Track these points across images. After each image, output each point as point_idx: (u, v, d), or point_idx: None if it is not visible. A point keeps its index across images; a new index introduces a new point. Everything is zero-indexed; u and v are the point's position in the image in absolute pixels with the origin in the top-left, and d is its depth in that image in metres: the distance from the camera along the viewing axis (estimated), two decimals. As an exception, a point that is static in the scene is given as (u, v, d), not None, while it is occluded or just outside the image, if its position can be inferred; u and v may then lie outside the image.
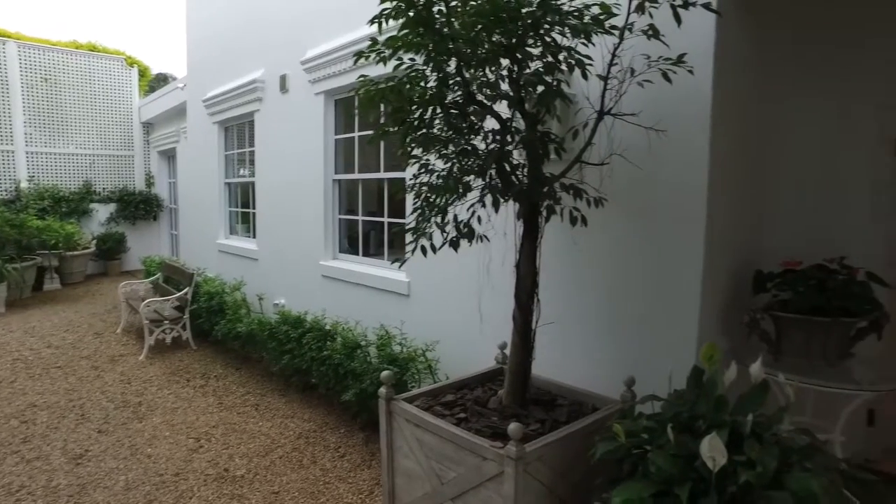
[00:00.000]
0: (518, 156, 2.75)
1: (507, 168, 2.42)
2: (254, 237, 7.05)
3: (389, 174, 4.77)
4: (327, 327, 4.61)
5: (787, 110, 3.41)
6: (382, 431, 2.82)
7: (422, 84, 2.44)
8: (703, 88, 2.66)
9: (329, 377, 4.25)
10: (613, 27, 2.34)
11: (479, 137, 2.50)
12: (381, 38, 2.42)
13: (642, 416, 2.26)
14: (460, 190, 2.46)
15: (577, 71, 2.47)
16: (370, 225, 5.31)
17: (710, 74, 2.64)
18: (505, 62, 2.49)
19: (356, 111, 5.15)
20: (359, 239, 5.38)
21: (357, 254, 5.40)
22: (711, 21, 2.60)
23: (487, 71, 2.51)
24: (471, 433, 2.41)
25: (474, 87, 2.51)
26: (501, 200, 2.35)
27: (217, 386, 5.20)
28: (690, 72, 2.56)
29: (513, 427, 2.14)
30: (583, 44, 2.42)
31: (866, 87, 3.20)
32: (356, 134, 5.25)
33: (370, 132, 2.53)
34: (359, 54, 2.49)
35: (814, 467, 1.88)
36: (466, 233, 2.57)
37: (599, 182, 2.84)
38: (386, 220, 4.96)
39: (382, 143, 4.79)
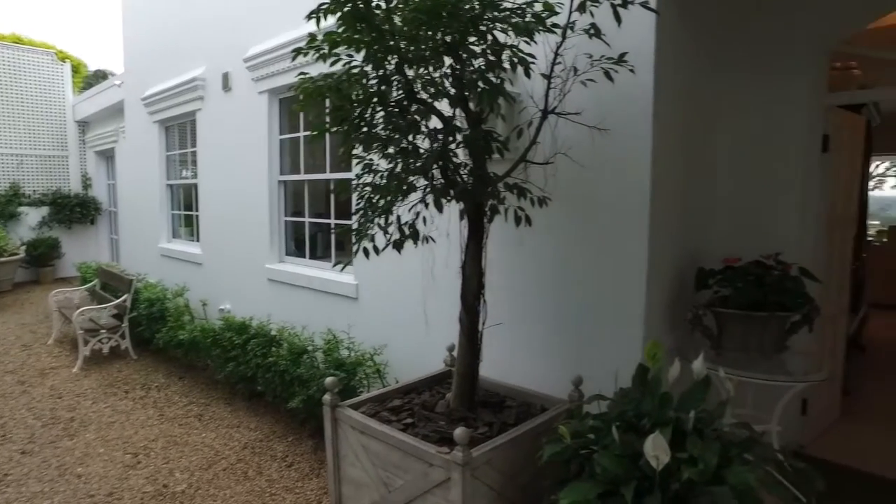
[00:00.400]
0: (462, 155, 2.71)
1: (450, 168, 2.38)
2: (198, 241, 6.79)
3: (336, 174, 4.67)
4: (273, 333, 4.46)
5: (725, 108, 3.50)
6: (328, 439, 2.73)
7: (364, 81, 2.37)
8: (645, 87, 2.68)
9: (275, 384, 4.11)
10: (555, 25, 2.33)
11: (423, 137, 2.44)
12: (322, 35, 2.34)
13: (589, 416, 2.25)
14: (404, 189, 2.41)
15: (522, 70, 2.46)
16: (317, 227, 5.18)
17: (651, 73, 2.67)
18: (449, 60, 2.45)
19: (301, 109, 5.01)
20: (305, 241, 5.24)
21: (304, 256, 5.27)
22: (651, 20, 2.63)
23: (431, 69, 2.47)
24: (417, 439, 2.35)
25: (418, 86, 2.46)
26: (443, 201, 2.30)
27: (158, 397, 4.97)
28: (632, 71, 2.58)
29: (459, 432, 2.09)
30: (525, 42, 2.40)
31: (796, 86, 3.31)
32: (301, 134, 5.12)
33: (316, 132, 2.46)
34: (297, 51, 2.40)
35: (752, 460, 1.91)
36: (411, 234, 2.52)
37: (544, 181, 2.83)
38: (333, 221, 4.85)
39: (328, 143, 4.68)
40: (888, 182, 18.75)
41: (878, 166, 17.68)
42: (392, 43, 2.15)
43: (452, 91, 2.38)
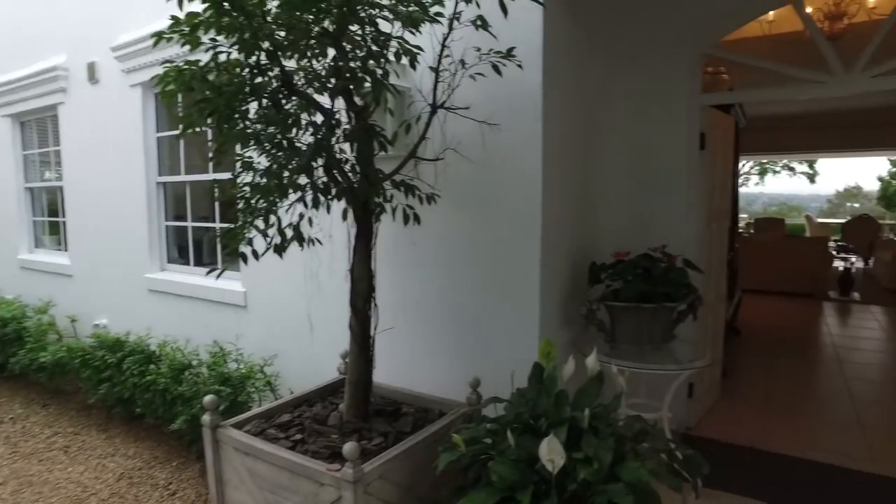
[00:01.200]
0: (350, 152, 2.56)
1: (334, 165, 2.22)
2: (66, 250, 6.09)
3: (220, 174, 4.33)
4: (153, 348, 4.06)
5: (615, 104, 3.60)
6: (209, 464, 2.48)
7: (235, 70, 2.15)
8: (534, 82, 2.67)
9: (156, 405, 3.74)
10: (439, 14, 2.24)
11: (303, 132, 2.26)
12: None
13: (486, 419, 2.18)
14: (285, 188, 2.22)
15: (410, 63, 2.35)
16: (202, 231, 4.80)
17: (539, 67, 2.66)
18: (333, 52, 2.29)
19: (166, 100, 4.61)
20: (189, 247, 4.84)
21: (188, 264, 4.86)
22: (539, 14, 2.61)
23: (313, 60, 2.29)
24: (306, 457, 2.18)
25: (300, 78, 2.28)
26: (322, 199, 2.14)
27: (13, 431, 4.37)
28: (520, 66, 2.55)
29: (348, 448, 1.95)
30: (410, 32, 2.29)
31: (677, 85, 3.46)
32: (181, 131, 4.71)
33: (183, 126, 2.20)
34: (158, 35, 2.14)
35: (645, 452, 1.92)
36: (295, 236, 2.34)
37: (434, 178, 2.75)
38: (218, 225, 4.50)
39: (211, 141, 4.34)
40: (753, 179, 20.66)
41: (744, 165, 19.44)
42: (263, 29, 1.96)
43: (335, 83, 2.22)
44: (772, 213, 18.79)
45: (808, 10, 4.44)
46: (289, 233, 2.31)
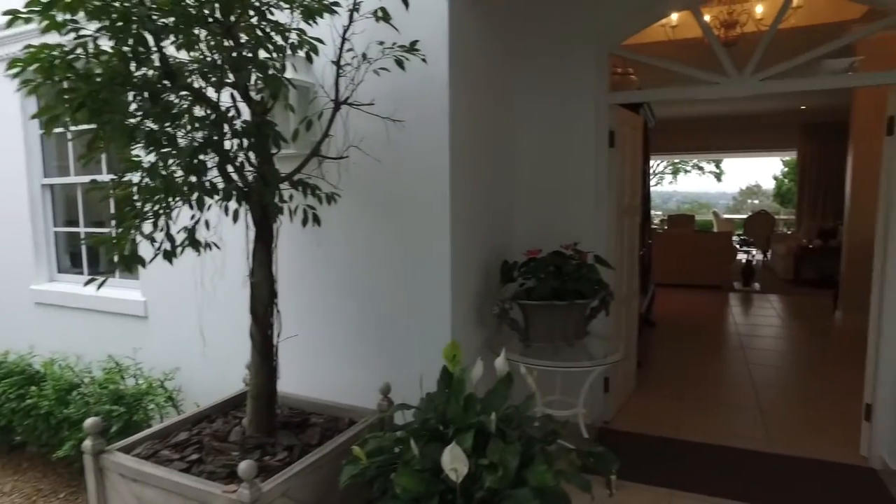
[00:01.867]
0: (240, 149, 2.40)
1: (226, 163, 2.06)
2: (-62, 261, 5.46)
3: (115, 175, 4.00)
4: (37, 367, 3.69)
5: (526, 101, 3.61)
6: (91, 494, 2.25)
7: (108, 58, 1.95)
8: (440, 77, 2.60)
9: (39, 430, 3.38)
10: (335, 4, 2.13)
11: (190, 128, 2.09)
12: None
13: (395, 427, 2.09)
14: (178, 188, 2.04)
15: (312, 56, 2.23)
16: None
17: (445, 63, 2.60)
18: (227, 42, 2.13)
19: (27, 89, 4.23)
20: (82, 255, 4.45)
21: (82, 273, 4.47)
22: (443, 6, 2.55)
23: (206, 51, 2.12)
24: (201, 479, 2.01)
25: (192, 72, 2.10)
26: (211, 201, 1.98)
27: None
28: (424, 60, 2.48)
29: (243, 467, 1.80)
30: (308, 23, 2.17)
31: (586, 83, 3.52)
32: (45, 127, 4.31)
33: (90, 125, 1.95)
34: (13, 14, 1.90)
35: (554, 453, 1.89)
36: (189, 241, 2.16)
37: (338, 178, 2.64)
38: (113, 230, 4.15)
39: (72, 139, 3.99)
40: (667, 178, 21.74)
41: (658, 164, 20.41)
42: (136, 12, 1.78)
43: (221, 76, 2.06)
44: (685, 210, 19.81)
45: (707, 17, 4.68)
46: (180, 237, 2.13)
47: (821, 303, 7.48)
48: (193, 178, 2.11)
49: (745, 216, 14.32)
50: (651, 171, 20.23)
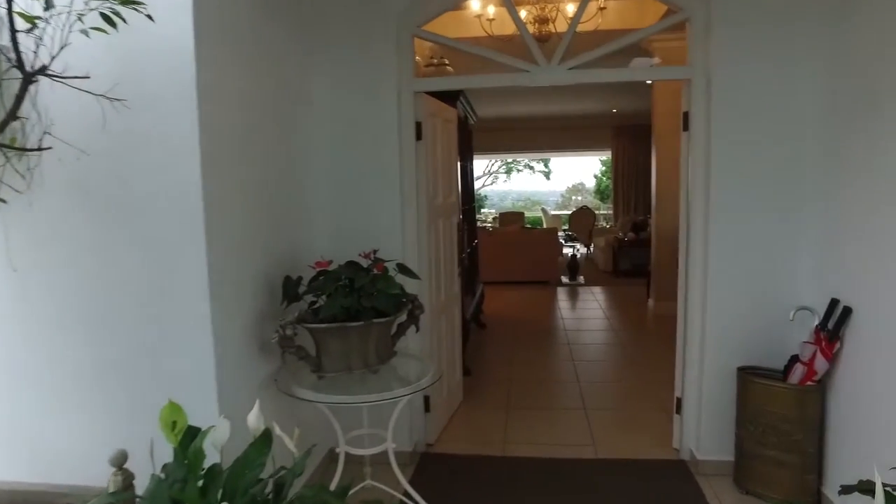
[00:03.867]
0: None
1: None
2: None
3: None
4: None
5: (322, 92, 3.10)
6: None
7: None
8: (184, 48, 1.98)
9: None
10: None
11: None
12: None
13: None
14: None
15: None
16: None
17: (190, 33, 1.98)
18: None
19: None
20: None
21: None
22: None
23: None
24: None
25: None
26: None
27: None
28: (150, 17, 1.84)
29: None
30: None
31: (388, 68, 3.10)
32: None
33: None
34: None
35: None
36: None
37: (30, 174, 1.91)
38: None
39: None
40: (501, 178, 22.59)
41: (493, 164, 21.10)
42: None
43: None
44: (519, 207, 20.70)
45: (523, 14, 4.55)
46: None
47: (636, 292, 7.95)
48: None
49: (570, 212, 15.22)
50: (487, 170, 20.95)
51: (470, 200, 5.90)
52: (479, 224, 13.20)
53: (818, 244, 2.78)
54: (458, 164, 4.86)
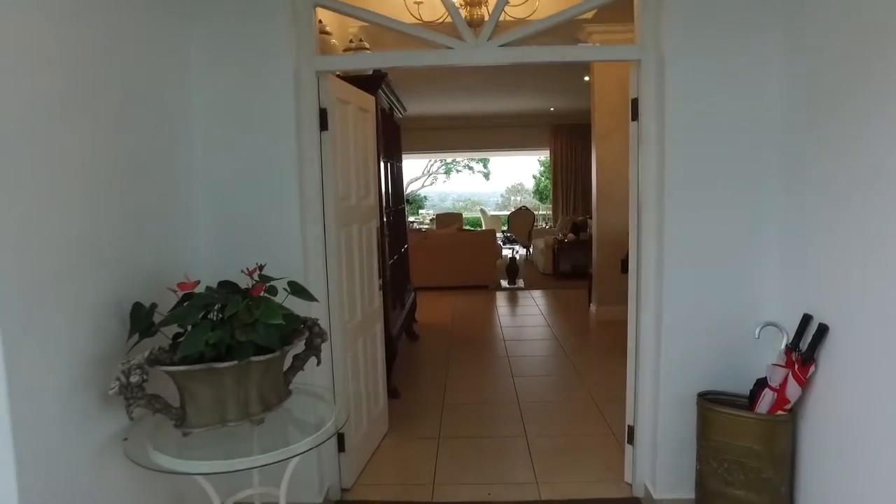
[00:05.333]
0: None
1: None
2: None
3: None
4: None
5: (207, 73, 2.52)
6: None
7: None
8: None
9: None
10: None
11: None
12: None
13: None
14: None
15: None
16: None
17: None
18: None
19: None
20: None
21: None
22: None
23: None
24: None
25: None
26: None
27: None
28: None
29: None
30: None
31: (285, 43, 2.54)
32: None
33: None
34: None
35: None
36: None
37: None
38: None
39: None
40: (441, 178, 22.16)
41: (432, 164, 20.66)
42: None
43: None
44: (459, 208, 20.38)
45: None
46: None
47: (577, 295, 7.64)
48: None
49: (509, 212, 14.96)
50: (426, 170, 20.47)
51: (399, 202, 5.38)
52: (415, 226, 12.76)
53: (788, 249, 2.41)
54: (383, 161, 4.33)
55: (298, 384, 2.19)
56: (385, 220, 4.39)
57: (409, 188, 19.91)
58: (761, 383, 2.37)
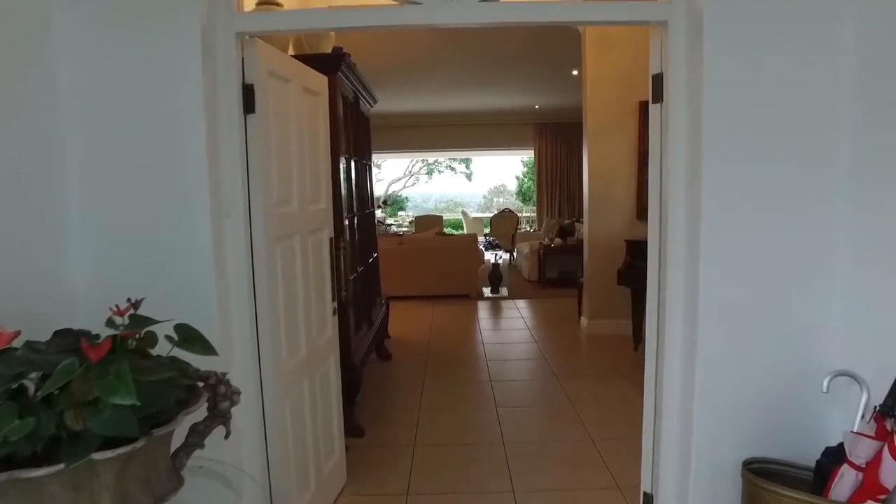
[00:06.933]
0: None
1: None
2: None
3: None
4: None
5: (85, 42, 1.85)
6: None
7: None
8: None
9: None
10: None
11: None
12: None
13: None
14: None
15: None
16: None
17: None
18: None
19: None
20: None
21: None
22: None
23: None
24: None
25: None
26: None
27: None
28: None
29: None
30: None
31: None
32: None
33: None
34: None
35: None
36: None
37: None
38: None
39: None
40: (423, 179, 21.53)
41: (414, 164, 20.06)
42: None
43: None
44: (441, 209, 19.85)
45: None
46: None
47: (566, 306, 7.04)
48: None
49: (491, 215, 14.40)
50: (408, 170, 19.83)
51: (367, 206, 4.72)
52: (393, 229, 12.06)
53: (866, 275, 1.82)
54: (345, 158, 3.68)
55: (205, 458, 1.55)
56: (348, 226, 3.74)
57: (391, 189, 19.28)
58: (832, 454, 1.77)
